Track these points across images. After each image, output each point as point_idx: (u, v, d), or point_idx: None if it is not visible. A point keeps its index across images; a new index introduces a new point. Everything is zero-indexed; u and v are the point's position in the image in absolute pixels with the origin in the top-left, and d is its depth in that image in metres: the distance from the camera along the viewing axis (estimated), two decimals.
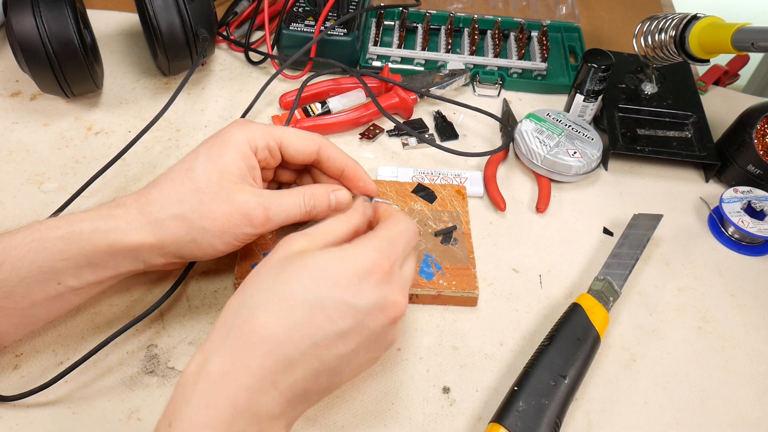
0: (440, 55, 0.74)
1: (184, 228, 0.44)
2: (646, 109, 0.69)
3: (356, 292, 0.37)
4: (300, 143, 0.47)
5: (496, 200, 0.61)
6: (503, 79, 0.73)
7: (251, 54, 0.74)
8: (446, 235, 0.56)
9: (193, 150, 0.46)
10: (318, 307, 0.36)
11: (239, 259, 0.53)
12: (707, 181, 0.67)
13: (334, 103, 0.68)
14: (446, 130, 0.69)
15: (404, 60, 0.74)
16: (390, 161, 0.65)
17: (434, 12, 0.79)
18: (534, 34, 0.79)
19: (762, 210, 0.59)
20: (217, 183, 0.44)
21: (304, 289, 0.37)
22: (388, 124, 0.68)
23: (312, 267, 0.38)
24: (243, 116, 0.66)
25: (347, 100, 0.69)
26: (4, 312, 0.42)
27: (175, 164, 0.46)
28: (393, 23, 0.78)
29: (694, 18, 0.60)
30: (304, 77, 0.71)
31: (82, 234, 0.42)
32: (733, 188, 0.62)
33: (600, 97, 0.67)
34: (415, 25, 0.78)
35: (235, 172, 0.44)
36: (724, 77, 0.78)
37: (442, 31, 0.78)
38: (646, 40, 0.64)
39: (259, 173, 0.47)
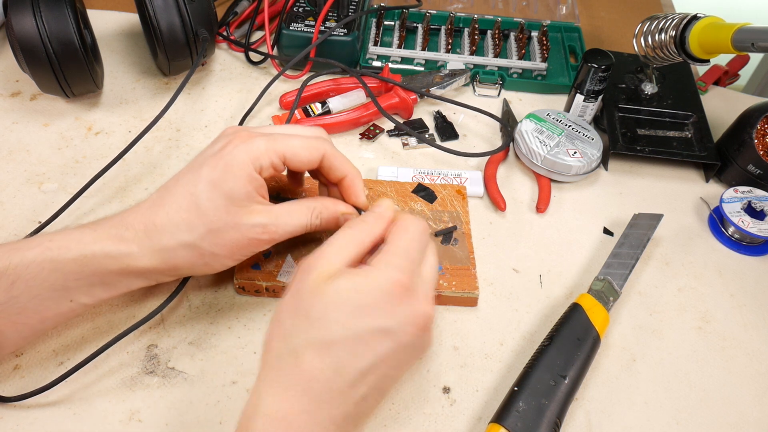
0: (440, 55, 0.74)
1: (195, 255, 0.44)
2: (646, 109, 0.69)
3: (387, 315, 0.38)
4: (303, 155, 0.46)
5: (497, 200, 0.61)
6: (503, 79, 0.73)
7: (251, 54, 0.74)
8: (446, 235, 0.56)
9: (194, 168, 0.44)
10: (357, 340, 0.38)
11: None
12: (707, 181, 0.67)
13: (334, 103, 0.68)
14: (446, 130, 0.69)
15: (404, 60, 0.74)
16: (390, 161, 0.65)
17: (434, 12, 0.79)
18: (534, 34, 0.79)
19: (762, 210, 0.59)
20: (224, 210, 0.43)
21: (340, 325, 0.38)
22: (388, 124, 0.68)
23: (341, 301, 0.38)
24: (245, 116, 0.66)
25: (347, 100, 0.69)
26: (16, 327, 0.43)
27: (177, 177, 0.45)
28: (393, 23, 0.78)
29: (694, 18, 0.60)
30: (304, 77, 0.71)
31: (95, 258, 0.43)
32: (733, 188, 0.62)
33: (600, 97, 0.67)
34: (415, 25, 0.78)
35: (242, 196, 0.44)
36: (724, 77, 0.78)
37: (442, 31, 0.78)
38: (646, 40, 0.64)
39: (266, 189, 0.46)
